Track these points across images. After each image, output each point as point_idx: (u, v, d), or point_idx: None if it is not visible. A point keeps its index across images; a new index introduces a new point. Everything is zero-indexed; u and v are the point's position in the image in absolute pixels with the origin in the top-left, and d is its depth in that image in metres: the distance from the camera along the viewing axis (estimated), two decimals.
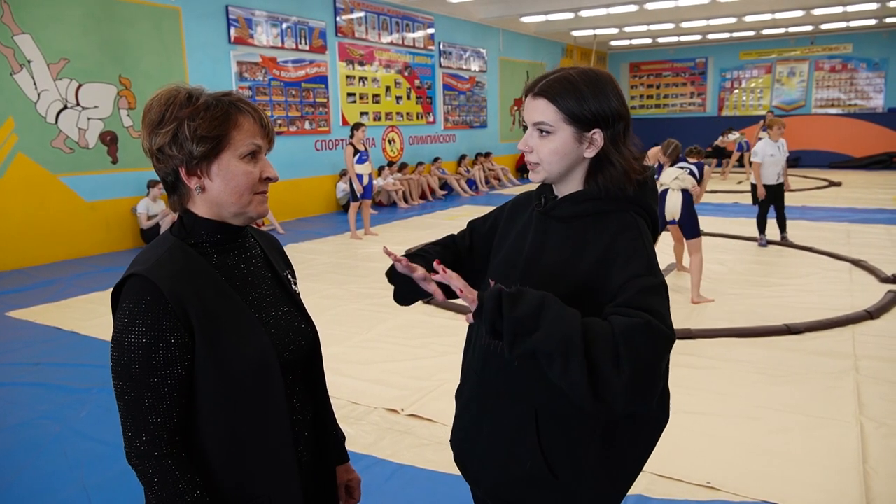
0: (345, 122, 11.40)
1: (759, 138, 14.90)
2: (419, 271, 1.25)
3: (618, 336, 1.05)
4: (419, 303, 5.89)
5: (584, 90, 1.23)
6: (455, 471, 2.86)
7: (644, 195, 1.29)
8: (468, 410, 1.43)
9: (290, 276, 1.35)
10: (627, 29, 16.52)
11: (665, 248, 6.76)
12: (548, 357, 1.07)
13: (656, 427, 1.32)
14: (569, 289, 1.21)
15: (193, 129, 1.12)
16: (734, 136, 15.25)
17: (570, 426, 1.25)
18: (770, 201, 7.59)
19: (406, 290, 1.43)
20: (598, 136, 1.25)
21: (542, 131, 1.27)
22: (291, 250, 7.81)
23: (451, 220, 10.15)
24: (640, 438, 1.30)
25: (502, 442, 1.32)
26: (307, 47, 10.76)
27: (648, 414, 1.28)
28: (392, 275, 1.43)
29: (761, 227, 7.68)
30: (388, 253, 1.27)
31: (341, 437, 1.47)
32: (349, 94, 11.74)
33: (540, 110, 1.26)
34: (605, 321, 1.10)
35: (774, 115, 16.01)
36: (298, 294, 1.36)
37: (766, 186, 7.51)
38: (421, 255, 1.45)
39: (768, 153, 7.47)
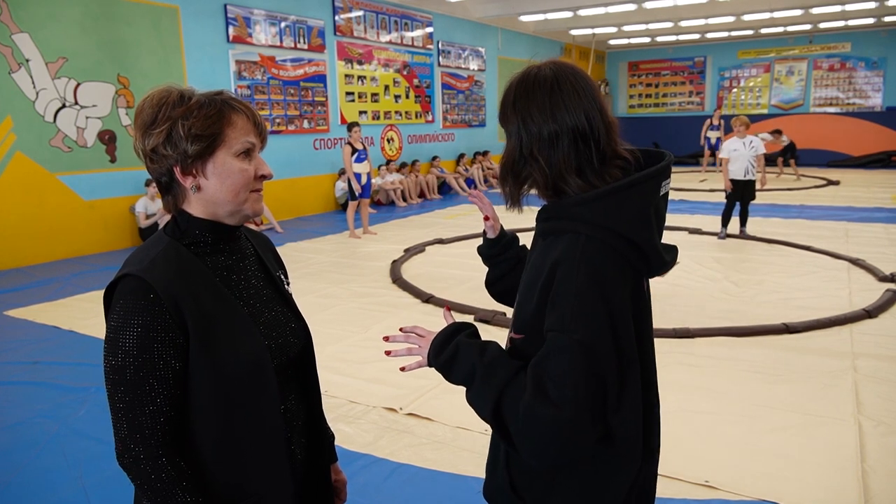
0: (343, 121, 11.38)
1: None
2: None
3: (518, 419, 1.07)
4: (418, 302, 5.87)
5: (508, 104, 1.22)
6: (453, 469, 2.86)
7: (602, 208, 1.11)
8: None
9: (282, 277, 1.35)
10: (626, 28, 16.53)
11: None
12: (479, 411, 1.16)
13: (626, 473, 1.21)
14: (525, 313, 1.19)
15: (188, 127, 1.12)
16: (767, 136, 14.69)
17: None
18: (737, 196, 7.81)
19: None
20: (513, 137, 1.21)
21: None
22: (290, 249, 7.81)
23: (450, 220, 10.15)
24: (610, 482, 1.20)
25: (491, 453, 1.35)
26: (306, 46, 10.75)
27: (620, 453, 1.17)
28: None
29: (724, 220, 7.92)
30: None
31: (331, 437, 1.47)
32: (348, 93, 11.73)
33: None
34: (521, 391, 1.09)
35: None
36: (291, 294, 1.35)
37: (733, 181, 7.76)
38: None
39: (731, 148, 7.75)
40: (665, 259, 1.18)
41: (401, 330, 1.28)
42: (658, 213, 1.18)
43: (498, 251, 1.50)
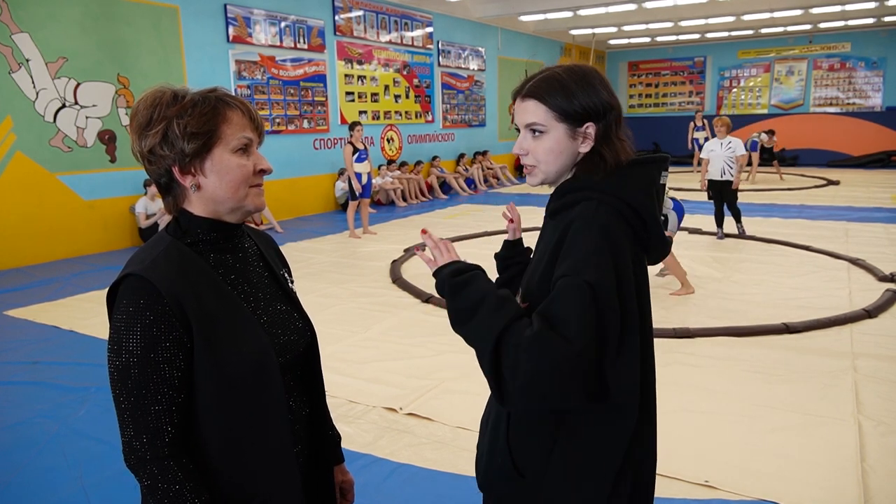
0: (343, 121, 11.39)
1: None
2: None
3: (521, 346, 1.09)
4: (418, 302, 5.87)
5: (572, 86, 1.24)
6: (453, 469, 2.86)
7: (613, 180, 1.24)
8: (488, 404, 1.47)
9: (286, 275, 1.35)
10: (626, 28, 16.52)
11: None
12: (472, 347, 1.18)
13: (622, 432, 1.23)
14: (535, 281, 1.25)
15: (183, 126, 1.12)
16: (765, 136, 14.69)
17: (534, 427, 1.26)
18: (718, 197, 7.88)
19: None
20: (591, 129, 1.26)
21: (534, 132, 1.28)
22: (290, 249, 7.81)
23: (450, 220, 10.15)
24: (606, 444, 1.23)
25: (489, 442, 1.37)
26: (306, 46, 10.75)
27: (616, 409, 1.21)
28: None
29: (717, 220, 8.00)
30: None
31: (337, 438, 1.46)
32: (348, 93, 11.73)
33: (531, 111, 1.27)
34: (526, 324, 1.13)
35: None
36: (295, 292, 1.35)
37: (711, 182, 7.87)
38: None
39: (709, 149, 7.86)
40: (663, 236, 1.28)
41: (425, 232, 1.32)
42: (658, 196, 1.30)
43: (515, 253, 1.57)
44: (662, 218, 2.58)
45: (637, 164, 1.27)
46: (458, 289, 1.20)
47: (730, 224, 8.04)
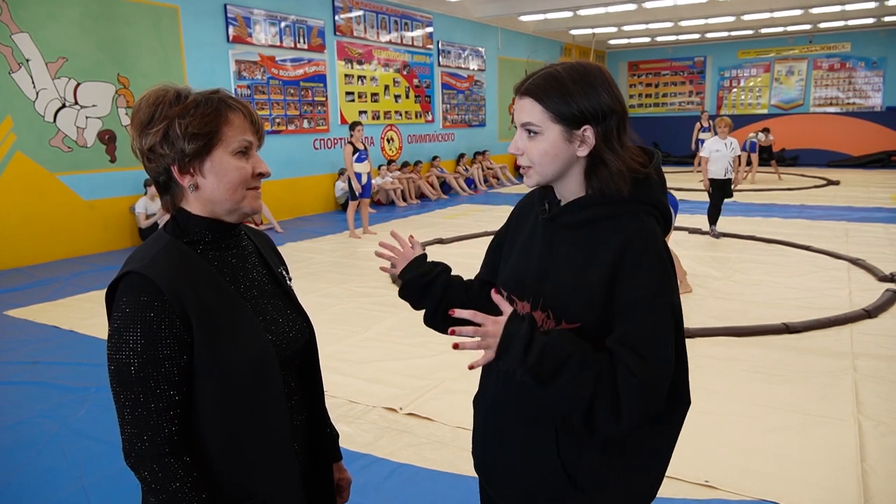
0: (343, 121, 11.39)
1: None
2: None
3: (622, 393, 1.11)
4: None
5: (570, 86, 1.18)
6: (453, 469, 2.86)
7: (649, 191, 1.22)
8: (487, 424, 1.40)
9: (284, 273, 1.35)
10: (626, 28, 16.53)
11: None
12: (557, 404, 1.18)
13: (673, 429, 1.32)
14: (581, 301, 1.19)
15: (185, 126, 1.12)
16: (762, 135, 14.73)
17: (587, 441, 1.22)
18: (720, 194, 8.00)
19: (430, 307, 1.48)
20: (588, 133, 1.19)
21: (530, 132, 1.23)
22: (290, 249, 7.81)
23: (450, 220, 10.14)
24: (659, 442, 1.30)
25: (525, 460, 1.29)
26: (306, 46, 10.75)
27: (674, 406, 1.28)
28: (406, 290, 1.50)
29: (713, 218, 8.10)
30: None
31: (335, 435, 1.47)
32: (348, 93, 11.73)
33: (527, 110, 1.22)
34: (613, 368, 1.12)
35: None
36: (293, 290, 1.35)
37: (714, 181, 7.95)
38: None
39: (713, 149, 7.94)
40: (670, 226, 1.35)
41: (452, 313, 1.13)
42: None
43: (429, 268, 1.47)
44: None
45: (657, 169, 1.27)
46: (536, 371, 1.11)
47: (730, 224, 8.04)
